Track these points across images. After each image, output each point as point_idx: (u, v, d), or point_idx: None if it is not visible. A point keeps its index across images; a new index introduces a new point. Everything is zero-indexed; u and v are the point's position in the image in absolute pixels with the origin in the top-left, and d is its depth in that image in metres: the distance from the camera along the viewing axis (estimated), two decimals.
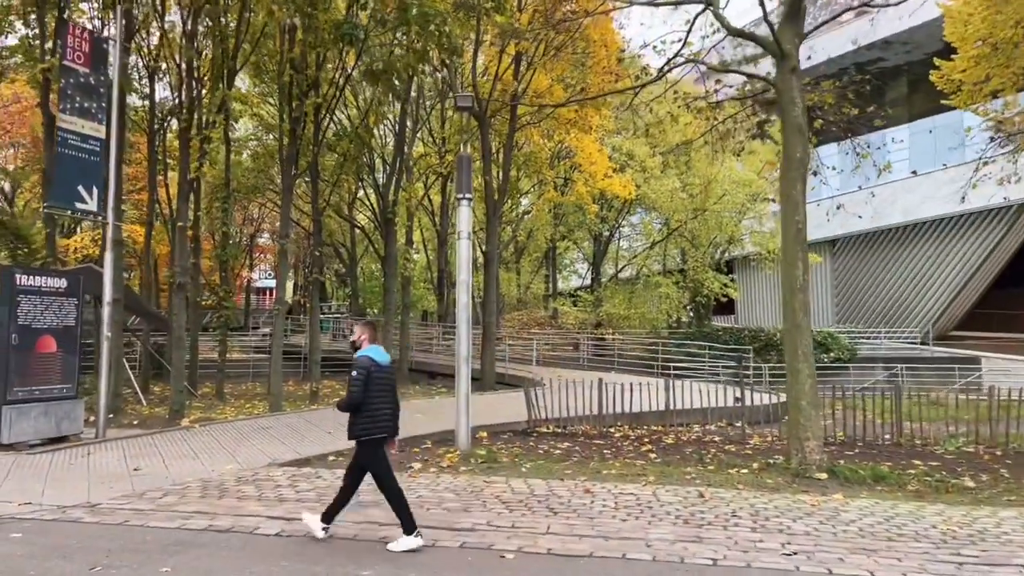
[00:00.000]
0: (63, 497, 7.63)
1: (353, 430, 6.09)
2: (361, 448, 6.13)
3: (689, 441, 12.32)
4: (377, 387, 6.01)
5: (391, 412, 6.19)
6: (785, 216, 9.99)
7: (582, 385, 13.37)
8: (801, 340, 9.60)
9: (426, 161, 26.17)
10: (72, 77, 11.51)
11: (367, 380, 5.94)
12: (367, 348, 6.22)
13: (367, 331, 6.38)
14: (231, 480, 8.50)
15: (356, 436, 6.09)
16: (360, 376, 5.94)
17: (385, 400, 6.10)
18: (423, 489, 8.05)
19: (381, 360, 6.13)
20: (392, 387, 6.26)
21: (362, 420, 6.01)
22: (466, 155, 10.93)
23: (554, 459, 10.25)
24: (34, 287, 10.92)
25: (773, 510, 7.21)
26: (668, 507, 7.26)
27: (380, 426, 6.06)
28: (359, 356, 6.13)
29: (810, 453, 9.32)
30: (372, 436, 6.04)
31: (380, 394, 6.04)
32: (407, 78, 16.18)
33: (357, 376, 5.94)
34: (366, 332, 6.37)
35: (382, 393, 6.07)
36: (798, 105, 10.16)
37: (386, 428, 6.12)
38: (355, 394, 5.93)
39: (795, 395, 9.57)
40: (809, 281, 9.94)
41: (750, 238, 30.57)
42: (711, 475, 9.12)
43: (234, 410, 16.33)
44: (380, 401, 6.04)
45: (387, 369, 6.18)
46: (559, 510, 7.10)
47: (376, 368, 6.04)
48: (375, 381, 5.99)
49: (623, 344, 26.93)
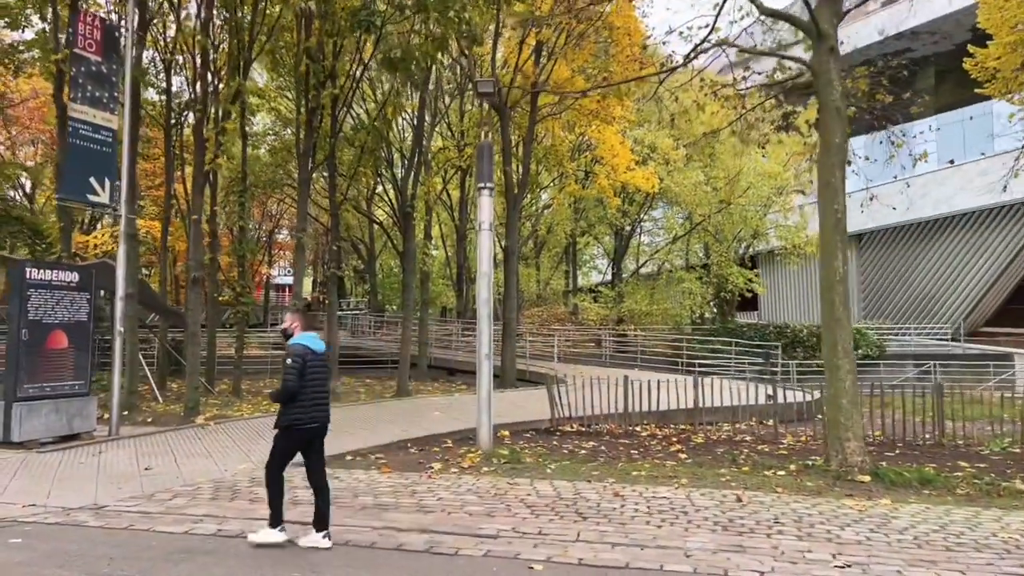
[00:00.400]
0: (69, 498, 7.32)
1: (282, 419, 5.82)
2: (284, 433, 5.83)
3: (719, 440, 11.85)
4: (313, 376, 5.82)
5: (326, 402, 5.99)
6: (824, 205, 9.49)
7: (607, 382, 12.94)
8: (841, 335, 9.10)
9: (444, 155, 25.79)
10: (83, 65, 11.22)
11: (303, 368, 5.73)
12: (300, 336, 5.98)
13: (298, 318, 6.16)
14: (244, 480, 8.16)
15: (286, 425, 5.80)
16: (296, 364, 5.71)
17: (320, 390, 5.91)
18: (443, 491, 7.65)
19: (316, 348, 5.93)
20: (327, 377, 6.09)
21: (295, 410, 5.76)
22: (487, 142, 10.51)
23: (579, 459, 9.83)
24: (45, 281, 10.64)
25: (818, 516, 6.74)
26: (704, 512, 6.81)
27: (312, 416, 5.83)
28: (293, 344, 5.89)
29: (851, 454, 8.82)
30: (302, 426, 5.79)
31: (315, 382, 5.84)
32: (426, 67, 15.77)
33: (292, 364, 5.72)
34: (297, 319, 6.14)
35: (317, 383, 5.88)
36: (837, 87, 9.65)
37: (318, 419, 5.89)
38: (290, 383, 5.69)
39: (834, 393, 9.07)
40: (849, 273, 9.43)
41: (775, 232, 29.95)
42: (746, 477, 8.65)
43: (250, 407, 16.03)
44: (315, 390, 5.85)
45: (321, 357, 5.98)
46: (588, 515, 6.68)
47: (312, 356, 5.83)
48: (311, 369, 5.79)
49: (645, 340, 26.43)
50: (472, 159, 23.70)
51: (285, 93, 25.44)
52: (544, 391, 13.36)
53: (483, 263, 10.42)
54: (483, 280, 10.39)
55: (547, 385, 13.05)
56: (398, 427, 11.96)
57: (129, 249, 12.44)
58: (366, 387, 21.95)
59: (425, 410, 14.10)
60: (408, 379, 19.59)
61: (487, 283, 10.37)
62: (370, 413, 13.77)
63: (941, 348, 27.93)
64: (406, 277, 21.02)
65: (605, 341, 26.83)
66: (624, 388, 12.63)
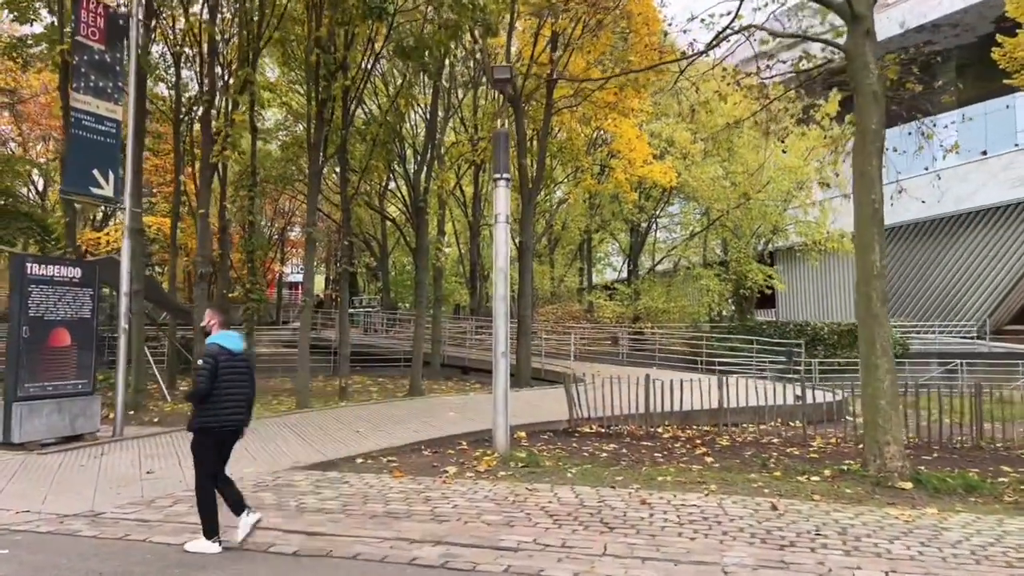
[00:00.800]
0: (65, 504, 6.95)
1: (195, 421, 5.60)
2: (198, 437, 5.63)
3: (746, 443, 11.35)
4: (227, 376, 5.59)
5: (243, 404, 5.74)
6: (859, 195, 8.98)
7: (627, 382, 12.47)
8: (879, 332, 8.59)
9: (458, 150, 25.37)
10: (86, 54, 10.85)
11: (215, 369, 5.52)
12: (217, 334, 5.78)
13: (217, 316, 5.96)
14: (249, 485, 7.73)
15: (197, 427, 5.59)
16: (207, 365, 5.52)
17: (236, 391, 5.66)
18: (459, 498, 7.21)
19: (232, 347, 5.71)
20: (246, 377, 5.81)
21: (206, 411, 5.53)
22: (504, 130, 10.07)
23: (601, 463, 9.37)
24: (46, 277, 10.28)
25: (862, 527, 6.25)
26: (739, 522, 6.34)
27: (226, 418, 5.60)
28: (208, 343, 5.66)
29: (890, 459, 8.32)
30: (213, 428, 5.57)
31: (230, 384, 5.61)
32: (440, 56, 15.34)
33: (204, 364, 5.53)
34: (216, 317, 5.94)
35: (233, 383, 5.64)
36: (873, 71, 9.14)
37: (233, 421, 5.67)
38: (202, 384, 5.49)
39: (872, 393, 8.56)
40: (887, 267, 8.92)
41: (795, 228, 29.34)
42: (779, 483, 8.16)
43: (260, 407, 15.67)
44: (230, 392, 5.60)
45: (240, 357, 5.75)
46: (615, 525, 6.23)
47: (226, 356, 5.62)
48: (225, 370, 5.57)
49: (663, 338, 25.92)
50: (486, 153, 23.28)
51: (296, 88, 25.13)
52: (560, 390, 12.92)
53: (500, 258, 9.98)
54: (500, 275, 9.95)
55: (565, 384, 12.59)
56: (411, 428, 11.55)
57: (134, 244, 12.10)
58: (378, 386, 21.57)
59: (439, 410, 13.68)
60: (421, 378, 19.20)
61: (504, 278, 9.93)
62: (382, 413, 13.37)
63: (965, 347, 27.23)
64: (419, 273, 20.64)
65: (622, 339, 26.33)
66: (646, 388, 12.15)
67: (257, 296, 17.75)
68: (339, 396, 17.32)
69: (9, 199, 23.43)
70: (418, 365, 18.99)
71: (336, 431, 11.31)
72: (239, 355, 5.74)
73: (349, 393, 17.68)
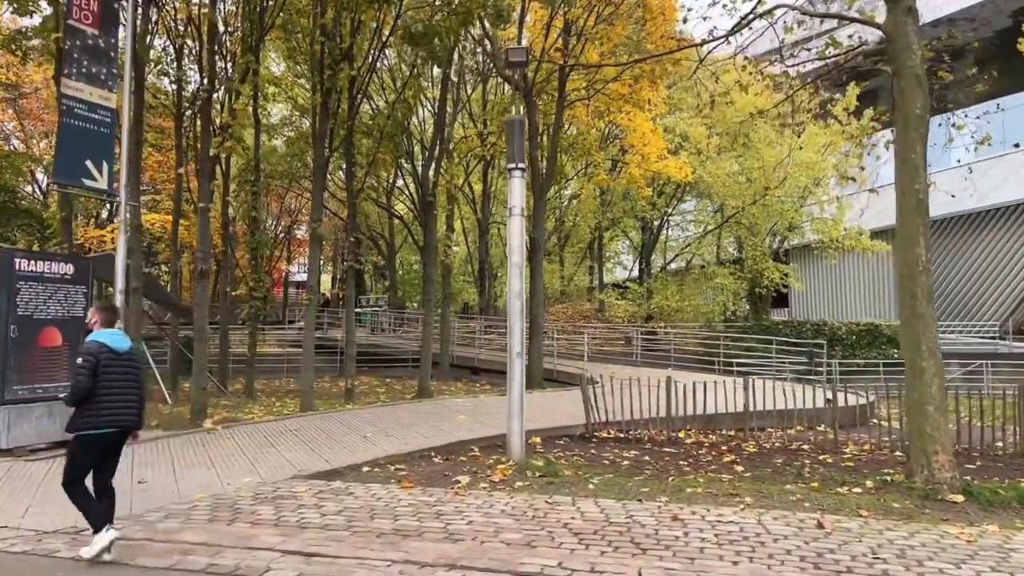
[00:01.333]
0: (47, 519, 6.40)
1: (73, 423, 5.36)
2: (76, 441, 5.40)
3: (774, 449, 10.73)
4: (109, 376, 5.32)
5: (129, 405, 5.49)
6: (903, 185, 8.35)
7: (647, 384, 11.87)
8: (925, 332, 7.96)
9: (467, 144, 24.79)
10: (79, 38, 10.30)
11: (95, 367, 5.25)
12: (98, 332, 5.51)
13: (101, 314, 5.69)
14: (247, 498, 7.18)
15: (75, 430, 5.35)
16: (86, 364, 5.26)
17: (119, 392, 5.40)
18: (474, 512, 6.62)
19: (116, 346, 5.45)
20: (132, 377, 5.55)
21: (87, 412, 5.29)
22: (519, 118, 9.47)
23: (623, 472, 8.77)
24: (36, 273, 9.74)
25: (921, 548, 5.64)
26: (784, 543, 5.73)
27: (106, 420, 5.34)
28: (88, 340, 5.45)
29: (939, 470, 7.68)
30: (91, 430, 5.31)
31: (112, 384, 5.35)
32: (449, 44, 14.75)
33: (82, 364, 5.29)
34: (99, 315, 5.68)
35: (116, 383, 5.37)
36: (916, 51, 8.50)
37: (116, 423, 5.41)
38: (80, 384, 5.25)
39: (918, 398, 7.93)
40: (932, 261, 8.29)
41: (811, 225, 28.66)
42: (819, 495, 7.53)
43: (263, 409, 15.15)
44: (111, 392, 5.34)
45: (124, 356, 5.48)
46: (647, 546, 5.63)
47: (108, 355, 5.35)
48: (107, 368, 5.31)
49: (677, 339, 25.28)
50: (495, 148, 22.70)
51: (302, 84, 24.62)
52: (574, 392, 12.35)
53: (515, 252, 9.38)
54: (515, 271, 9.35)
55: (582, 387, 11.99)
56: (420, 432, 10.98)
57: (132, 240, 11.56)
58: (386, 387, 21.03)
59: (448, 413, 13.10)
60: (430, 378, 18.63)
61: (519, 274, 9.32)
62: (389, 416, 12.79)
63: (987, 347, 26.50)
64: (427, 270, 20.07)
65: (635, 339, 25.69)
66: (667, 390, 11.54)
67: (261, 294, 17.21)
68: (345, 398, 16.77)
69: (9, 196, 22.95)
70: (427, 366, 18.42)
71: (341, 436, 10.74)
72: (124, 353, 5.46)
73: (356, 394, 17.12)
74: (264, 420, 12.69)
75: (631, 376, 13.08)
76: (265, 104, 22.18)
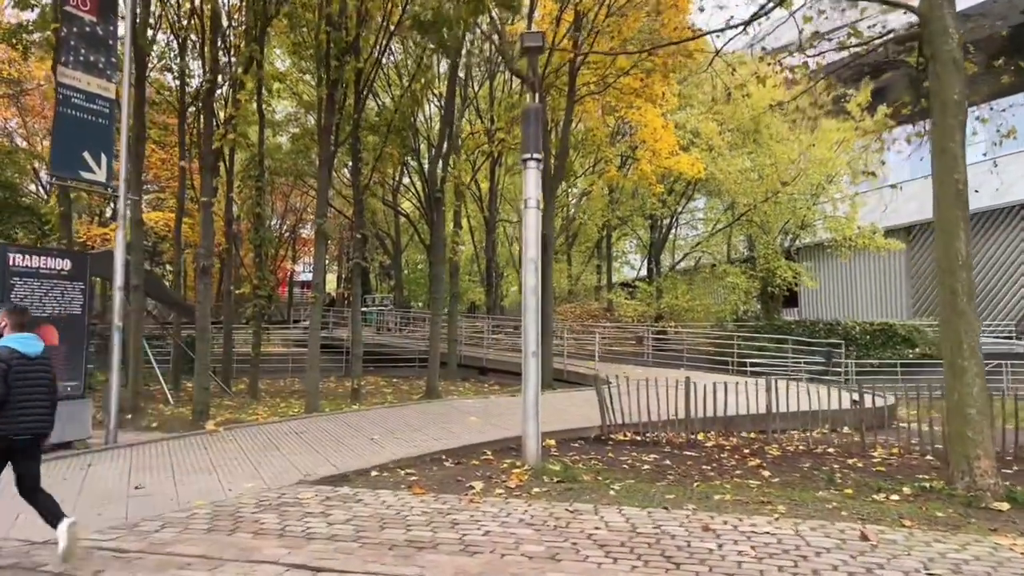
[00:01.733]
0: (37, 528, 5.96)
1: None
2: None
3: (799, 452, 10.30)
4: (20, 381, 5.17)
5: (42, 411, 5.34)
6: (940, 175, 7.93)
7: (662, 384, 11.45)
8: (966, 330, 7.53)
9: (474, 140, 24.39)
10: (76, 25, 9.93)
11: (6, 374, 5.10)
12: (8, 337, 5.34)
13: (10, 317, 5.48)
14: (250, 504, 6.78)
15: None
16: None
17: (32, 396, 5.24)
18: (491, 521, 6.21)
19: (27, 351, 5.29)
20: (44, 382, 5.38)
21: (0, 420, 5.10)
22: (534, 106, 9.03)
23: (644, 477, 8.35)
24: (31, 269, 9.38)
25: (976, 563, 5.21)
26: (827, 556, 5.31)
27: (23, 427, 5.19)
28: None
29: (981, 476, 7.26)
30: (3, 437, 5.12)
31: (24, 389, 5.19)
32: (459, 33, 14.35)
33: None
34: (9, 319, 5.47)
35: (27, 388, 5.21)
36: (953, 35, 8.08)
37: (30, 430, 5.25)
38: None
39: (959, 401, 7.50)
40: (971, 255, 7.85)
41: (824, 224, 28.20)
42: (855, 503, 7.11)
43: (267, 410, 14.76)
44: (23, 398, 5.18)
45: (37, 361, 5.35)
46: (680, 560, 5.21)
47: (19, 360, 5.21)
48: (18, 374, 5.16)
49: (689, 338, 24.84)
50: (503, 144, 22.30)
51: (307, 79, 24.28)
52: (587, 393, 11.94)
53: (530, 246, 8.97)
54: (530, 266, 8.93)
55: (596, 388, 11.57)
56: (429, 435, 10.57)
57: (132, 235, 11.18)
58: (392, 387, 20.64)
59: (458, 414, 12.69)
60: (438, 379, 18.23)
61: (534, 269, 8.91)
62: (397, 417, 12.39)
63: (1003, 347, 25.98)
64: (435, 269, 19.68)
65: (647, 339, 25.24)
66: (686, 392, 11.12)
67: (265, 292, 16.83)
68: (351, 398, 16.38)
69: (11, 193, 22.62)
70: (435, 365, 18.02)
71: (348, 438, 10.34)
72: (36, 359, 5.34)
73: (362, 395, 16.74)
74: (268, 421, 12.30)
75: (644, 376, 12.68)
76: (270, 100, 21.83)
